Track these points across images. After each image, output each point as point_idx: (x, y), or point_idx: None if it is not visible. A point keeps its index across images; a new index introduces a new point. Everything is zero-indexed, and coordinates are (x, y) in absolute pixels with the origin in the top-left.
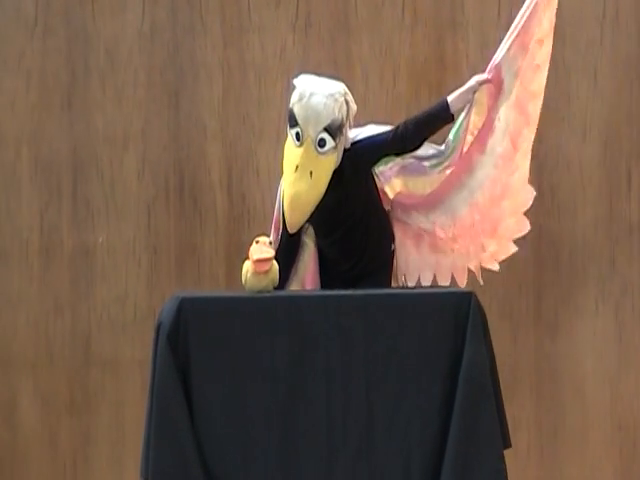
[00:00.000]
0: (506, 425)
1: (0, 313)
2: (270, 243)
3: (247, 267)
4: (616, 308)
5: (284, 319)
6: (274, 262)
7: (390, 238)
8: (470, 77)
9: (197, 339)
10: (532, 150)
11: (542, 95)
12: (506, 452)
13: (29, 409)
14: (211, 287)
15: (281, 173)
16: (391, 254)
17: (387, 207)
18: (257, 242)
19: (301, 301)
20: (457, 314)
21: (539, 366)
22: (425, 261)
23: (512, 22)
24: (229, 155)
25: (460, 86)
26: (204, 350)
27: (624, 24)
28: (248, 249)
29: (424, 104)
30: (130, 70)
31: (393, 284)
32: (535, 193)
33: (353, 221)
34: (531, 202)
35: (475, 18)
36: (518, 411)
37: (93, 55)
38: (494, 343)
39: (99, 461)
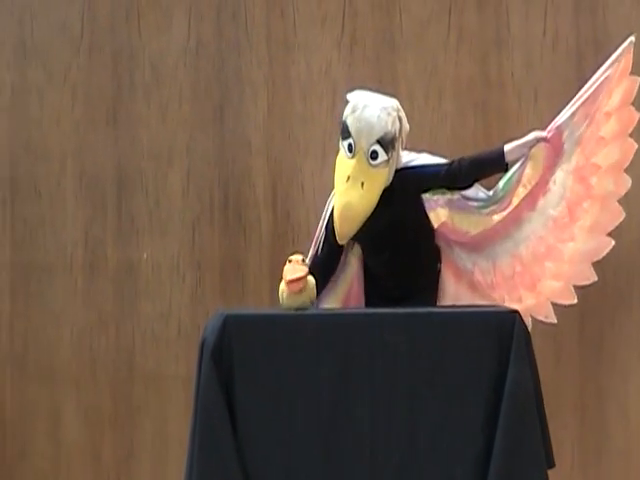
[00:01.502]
0: (550, 445)
1: (44, 328)
2: (303, 260)
3: (283, 287)
4: None
5: (328, 336)
6: (309, 279)
7: (437, 258)
8: (516, 98)
9: (241, 356)
10: None
11: (615, 171)
12: (550, 472)
13: (72, 424)
14: (255, 304)
15: (327, 189)
16: (437, 273)
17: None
18: (290, 261)
19: (345, 319)
20: (501, 333)
21: (583, 386)
22: (462, 296)
23: (557, 41)
24: (274, 171)
25: (504, 106)
26: (248, 367)
27: None
28: None
29: (469, 123)
30: (175, 86)
31: (438, 303)
32: (597, 279)
33: (402, 242)
34: (588, 282)
35: (520, 36)
36: (562, 431)
37: (138, 70)
38: (538, 362)
39: (142, 476)
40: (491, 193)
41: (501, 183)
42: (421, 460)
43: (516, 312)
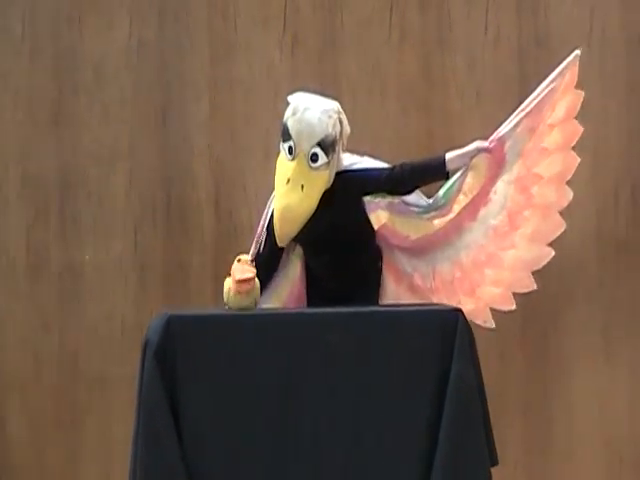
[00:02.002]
0: (493, 442)
1: None
2: (252, 261)
3: (229, 285)
4: (604, 326)
5: (271, 336)
6: (256, 280)
7: (379, 257)
8: (458, 97)
9: (184, 356)
10: None
11: (557, 183)
12: (493, 469)
13: (17, 427)
14: (199, 304)
15: (269, 189)
16: (379, 272)
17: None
18: (239, 260)
19: (288, 319)
20: (444, 331)
21: (527, 386)
22: (402, 298)
23: (499, 41)
24: (216, 172)
25: (447, 105)
26: (191, 367)
27: (611, 42)
28: None
29: (411, 122)
30: (117, 88)
31: (381, 301)
32: (536, 287)
33: (343, 244)
34: (527, 290)
35: (462, 36)
36: (506, 428)
37: (80, 73)
38: (482, 363)
39: (87, 478)
40: (431, 201)
41: (442, 191)
42: (366, 459)
43: (459, 310)
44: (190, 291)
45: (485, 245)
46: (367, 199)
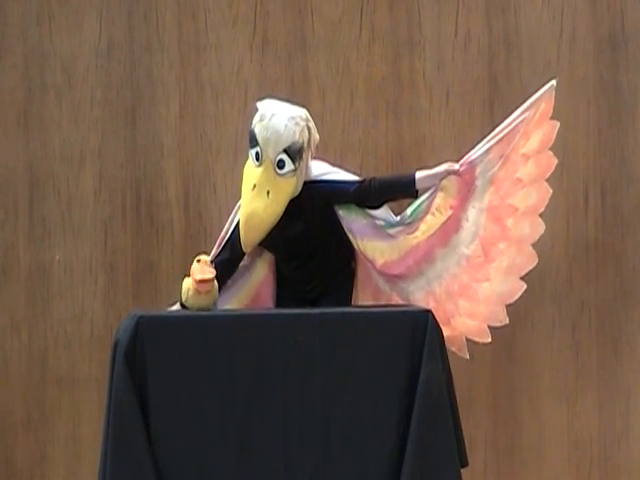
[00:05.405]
0: (463, 443)
1: None
2: (211, 262)
3: (188, 285)
4: (573, 326)
5: (241, 336)
6: (215, 282)
7: (351, 257)
8: (428, 98)
9: (154, 357)
10: None
11: (531, 216)
12: (463, 470)
13: None
14: (168, 305)
15: (239, 190)
16: (351, 272)
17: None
18: (198, 261)
19: (259, 319)
20: (414, 332)
21: (495, 384)
22: None
23: (469, 42)
24: (186, 172)
25: (416, 106)
26: (161, 368)
27: (581, 43)
28: None
29: (381, 123)
30: (87, 88)
31: (354, 302)
32: (507, 321)
33: (313, 251)
34: (500, 324)
35: (432, 36)
36: (475, 429)
37: (50, 72)
38: (450, 360)
39: (56, 478)
40: (399, 218)
41: (409, 210)
42: (335, 460)
43: (429, 311)
44: (159, 291)
45: (458, 274)
46: (343, 216)
